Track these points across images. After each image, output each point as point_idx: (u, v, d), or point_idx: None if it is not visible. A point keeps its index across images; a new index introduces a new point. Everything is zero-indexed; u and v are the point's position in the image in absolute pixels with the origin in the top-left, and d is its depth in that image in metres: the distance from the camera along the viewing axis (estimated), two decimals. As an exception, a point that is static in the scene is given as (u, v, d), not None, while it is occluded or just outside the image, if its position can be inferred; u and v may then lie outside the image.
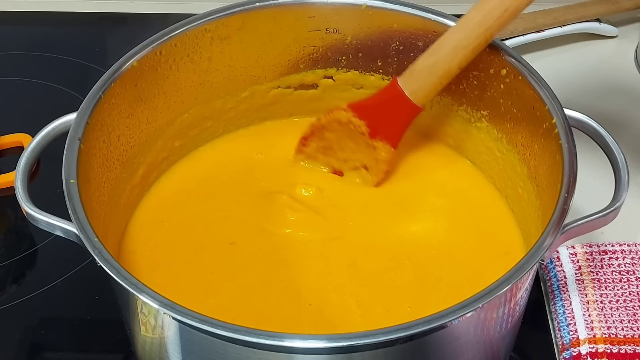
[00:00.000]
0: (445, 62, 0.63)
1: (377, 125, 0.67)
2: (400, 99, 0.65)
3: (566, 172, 0.57)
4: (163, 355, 0.56)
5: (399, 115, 0.66)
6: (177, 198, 0.70)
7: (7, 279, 0.71)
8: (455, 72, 0.64)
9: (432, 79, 0.64)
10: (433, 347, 0.53)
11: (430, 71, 0.64)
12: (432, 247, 0.66)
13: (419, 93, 0.65)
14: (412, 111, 0.66)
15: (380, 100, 0.67)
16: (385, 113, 0.67)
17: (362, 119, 0.67)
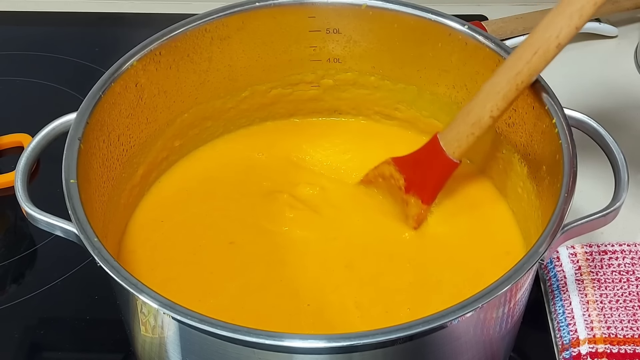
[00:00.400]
0: (477, 110, 0.61)
1: (414, 180, 0.66)
2: (436, 151, 0.64)
3: (566, 172, 0.57)
4: (163, 355, 0.56)
5: (434, 170, 0.65)
6: (177, 198, 0.70)
7: (7, 279, 0.71)
8: (487, 121, 0.61)
9: (465, 127, 0.62)
10: (433, 347, 0.53)
11: (464, 119, 0.62)
12: (432, 248, 0.66)
13: (454, 144, 0.63)
14: (447, 165, 0.64)
15: (421, 154, 0.66)
16: (422, 167, 0.66)
17: (402, 172, 0.67)
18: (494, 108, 0.61)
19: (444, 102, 0.71)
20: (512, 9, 0.92)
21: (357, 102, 0.75)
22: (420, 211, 0.66)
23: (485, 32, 0.66)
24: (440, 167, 0.65)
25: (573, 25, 0.56)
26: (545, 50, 0.58)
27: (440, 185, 0.66)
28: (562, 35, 0.57)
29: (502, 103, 0.60)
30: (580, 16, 0.56)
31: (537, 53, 0.58)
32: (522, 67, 0.59)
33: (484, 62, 0.66)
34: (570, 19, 0.56)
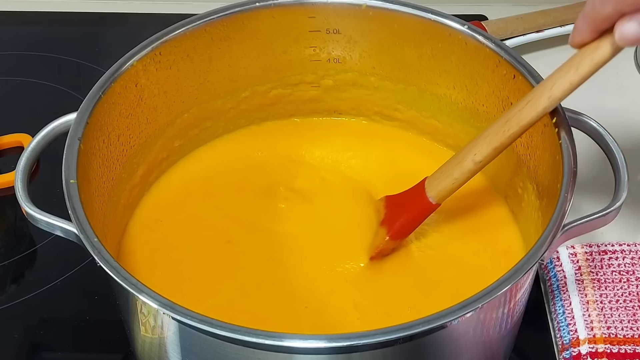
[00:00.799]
0: (463, 152, 0.61)
1: (392, 215, 0.65)
2: (419, 190, 0.63)
3: (566, 172, 0.57)
4: (162, 355, 0.56)
5: (411, 207, 0.64)
6: (176, 198, 0.70)
7: (7, 279, 0.71)
8: (469, 165, 0.60)
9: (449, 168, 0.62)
10: (433, 347, 0.53)
11: (450, 160, 0.62)
12: (431, 248, 0.66)
13: (434, 183, 0.62)
14: (423, 205, 0.63)
15: (409, 193, 0.65)
16: (403, 204, 0.65)
17: (386, 208, 0.66)
18: (477, 152, 0.60)
19: (445, 102, 0.71)
20: (512, 9, 0.92)
21: (357, 102, 0.75)
22: (382, 242, 0.64)
23: (486, 32, 0.66)
24: (417, 205, 0.63)
25: (568, 80, 0.55)
26: (536, 100, 0.57)
27: (412, 224, 0.64)
28: (555, 87, 0.56)
29: (485, 148, 0.59)
30: (576, 70, 0.55)
31: (529, 102, 0.57)
32: (513, 115, 0.58)
33: (484, 63, 0.66)
34: (567, 73, 0.55)
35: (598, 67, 0.55)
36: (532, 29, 0.89)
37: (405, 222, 0.64)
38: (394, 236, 0.64)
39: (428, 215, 0.64)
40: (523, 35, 0.88)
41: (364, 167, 0.71)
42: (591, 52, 0.54)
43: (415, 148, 0.74)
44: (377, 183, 0.70)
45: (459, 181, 0.61)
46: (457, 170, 0.61)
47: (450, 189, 0.62)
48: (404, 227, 0.64)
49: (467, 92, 0.69)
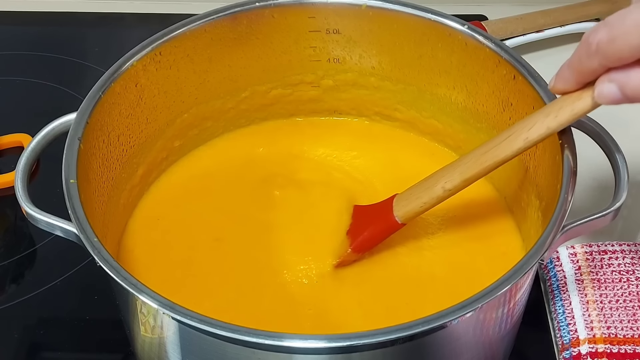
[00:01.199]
0: (435, 178, 0.61)
1: (357, 227, 0.65)
2: (387, 207, 0.63)
3: (566, 172, 0.57)
4: (162, 355, 0.56)
5: (376, 223, 0.64)
6: (176, 197, 0.70)
7: (7, 279, 0.71)
8: (438, 192, 0.60)
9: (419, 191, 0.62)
10: (433, 347, 0.53)
11: (422, 183, 0.62)
12: (429, 247, 0.66)
13: (402, 203, 0.63)
14: (388, 222, 0.63)
15: (377, 206, 0.65)
16: (370, 218, 0.65)
17: (353, 218, 0.66)
18: (448, 180, 0.60)
19: (444, 102, 0.71)
20: (512, 9, 0.92)
21: (357, 102, 0.75)
22: (345, 253, 0.64)
23: (485, 32, 0.66)
24: (382, 222, 0.63)
25: (546, 125, 0.56)
26: (513, 139, 0.57)
27: (375, 239, 0.64)
28: (533, 130, 0.56)
29: (457, 177, 0.60)
30: (555, 117, 0.55)
31: (506, 139, 0.57)
32: (489, 149, 0.58)
33: (484, 63, 0.66)
34: (546, 117, 0.56)
35: (577, 118, 0.55)
36: (532, 29, 0.89)
37: (369, 237, 0.64)
38: (356, 249, 0.64)
39: (392, 233, 0.64)
40: (523, 36, 0.88)
41: (365, 167, 0.72)
42: (572, 101, 0.55)
43: (416, 149, 0.74)
44: (378, 183, 0.71)
45: (427, 205, 0.61)
46: (426, 195, 0.61)
47: (418, 211, 0.62)
48: (366, 241, 0.64)
49: (467, 93, 0.69)
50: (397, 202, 0.63)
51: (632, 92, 0.51)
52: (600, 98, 0.53)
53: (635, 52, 0.49)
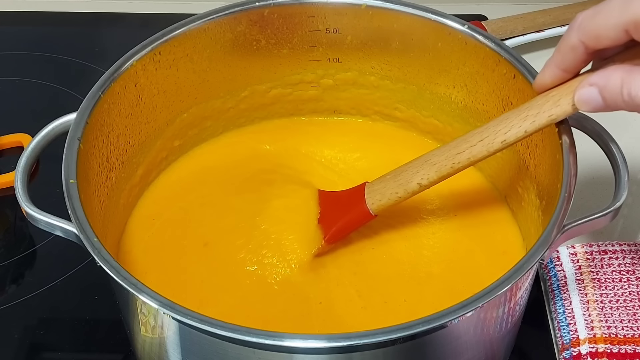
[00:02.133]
0: (409, 173, 0.61)
1: (327, 216, 0.65)
2: (358, 197, 0.64)
3: (566, 171, 0.57)
4: (163, 355, 0.56)
5: (349, 214, 0.64)
6: (176, 197, 0.70)
7: (7, 279, 0.71)
8: (414, 187, 0.61)
9: (393, 185, 0.62)
10: (433, 346, 0.53)
11: (395, 177, 0.62)
12: (426, 246, 0.66)
13: (376, 196, 0.63)
14: (361, 213, 0.63)
15: (345, 195, 0.65)
16: (339, 207, 0.65)
17: (320, 205, 0.66)
18: (424, 177, 0.61)
19: (444, 101, 0.71)
20: (512, 8, 0.92)
21: (357, 101, 0.75)
22: (319, 244, 0.64)
23: (485, 32, 0.66)
24: (355, 213, 0.64)
25: (523, 129, 0.56)
26: (490, 141, 0.58)
27: (348, 230, 0.64)
28: (510, 133, 0.57)
29: (433, 175, 0.60)
30: (532, 122, 0.56)
31: (482, 141, 0.58)
32: (465, 149, 0.59)
33: (483, 62, 0.66)
34: (523, 120, 0.56)
35: (554, 122, 0.56)
36: (531, 29, 0.89)
37: (342, 228, 0.64)
38: (330, 240, 0.64)
39: (364, 224, 0.64)
40: (523, 35, 0.88)
41: (366, 167, 0.72)
42: (550, 107, 0.56)
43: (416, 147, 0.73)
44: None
45: (401, 199, 0.62)
46: (402, 189, 0.62)
47: (392, 204, 0.63)
48: (340, 232, 0.64)
49: (467, 92, 0.69)
50: (371, 195, 0.63)
51: (610, 96, 0.52)
52: (580, 102, 0.54)
53: (611, 30, 0.50)
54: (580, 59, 0.54)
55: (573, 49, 0.53)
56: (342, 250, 0.65)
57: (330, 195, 0.67)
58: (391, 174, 0.63)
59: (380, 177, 0.64)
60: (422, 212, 0.68)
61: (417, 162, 0.62)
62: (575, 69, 0.55)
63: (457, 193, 0.70)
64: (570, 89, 0.55)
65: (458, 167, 0.60)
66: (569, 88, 0.55)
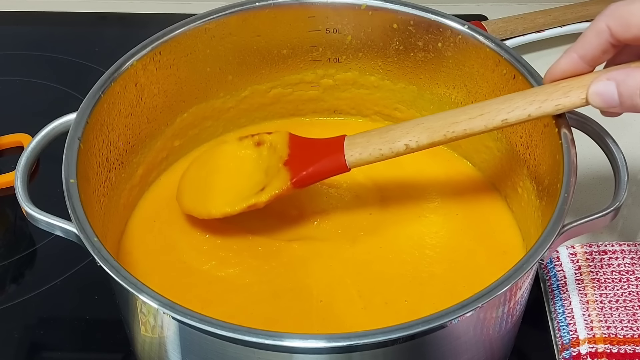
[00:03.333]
0: (397, 132, 0.60)
1: (298, 160, 0.63)
2: (336, 147, 0.62)
3: (566, 171, 0.57)
4: (162, 355, 0.56)
5: (324, 162, 0.62)
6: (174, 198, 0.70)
7: (7, 279, 0.71)
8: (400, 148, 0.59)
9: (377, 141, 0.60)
10: (433, 346, 0.53)
11: (381, 134, 0.60)
12: (428, 245, 0.66)
13: (357, 149, 0.61)
14: (337, 164, 0.62)
15: (320, 143, 0.64)
16: (314, 153, 0.63)
17: (291, 148, 0.64)
18: (413, 139, 0.59)
19: (444, 102, 0.71)
20: (512, 9, 0.92)
21: (357, 101, 0.75)
22: (282, 187, 0.62)
23: (485, 32, 0.66)
24: (329, 161, 0.62)
25: (527, 112, 0.56)
26: (490, 117, 0.57)
27: (318, 178, 0.62)
28: (513, 114, 0.56)
29: (424, 139, 0.59)
30: (538, 108, 0.56)
31: (482, 115, 0.57)
32: (463, 120, 0.58)
33: (484, 62, 0.66)
34: (529, 104, 0.56)
35: (559, 112, 0.56)
36: (532, 29, 0.89)
37: (313, 174, 0.62)
38: (297, 184, 0.62)
39: (335, 175, 0.63)
40: (523, 36, 0.88)
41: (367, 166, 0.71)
42: (559, 96, 0.55)
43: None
44: (381, 182, 0.70)
45: (383, 157, 0.60)
46: (386, 147, 0.60)
47: (372, 161, 0.61)
48: (310, 178, 0.62)
49: (467, 92, 0.69)
50: (351, 147, 0.61)
51: (627, 92, 0.51)
52: (594, 94, 0.53)
53: None
54: (602, 47, 0.53)
55: (598, 33, 0.52)
56: (351, 250, 0.65)
57: (304, 142, 0.65)
58: (376, 131, 0.61)
59: (363, 132, 0.62)
60: (424, 210, 0.69)
61: (408, 124, 0.60)
62: (593, 59, 0.54)
63: (458, 193, 0.70)
64: (582, 82, 0.55)
65: (451, 136, 0.58)
66: (581, 82, 0.55)
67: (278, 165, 0.64)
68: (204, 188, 0.66)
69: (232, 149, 0.67)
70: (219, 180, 0.66)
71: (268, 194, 0.63)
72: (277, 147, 0.65)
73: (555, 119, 0.59)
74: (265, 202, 0.63)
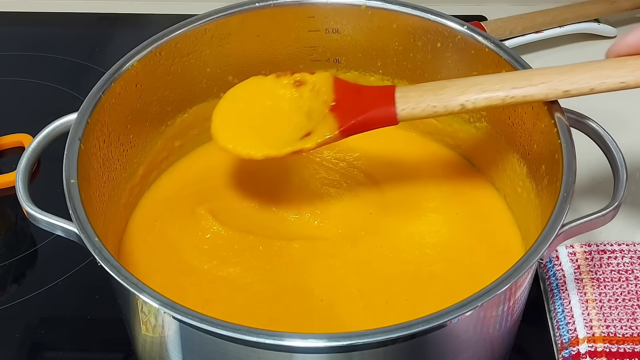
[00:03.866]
0: (453, 90, 0.59)
1: (345, 107, 0.61)
2: (386, 98, 0.60)
3: (565, 171, 0.57)
4: (163, 355, 0.56)
5: (373, 113, 0.60)
6: (176, 198, 0.70)
7: (8, 279, 0.72)
8: (455, 107, 0.58)
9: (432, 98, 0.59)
10: (433, 345, 0.53)
11: (435, 90, 0.59)
12: (428, 244, 0.66)
13: (409, 104, 0.59)
14: (387, 117, 0.60)
15: (369, 91, 0.62)
16: (362, 103, 0.61)
17: (336, 93, 0.62)
18: (470, 99, 0.58)
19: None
20: (511, 9, 0.92)
21: (357, 102, 0.75)
22: (328, 135, 0.60)
23: (485, 32, 0.66)
24: (380, 113, 0.60)
25: (590, 85, 0.56)
26: (552, 87, 0.57)
27: (367, 128, 0.60)
28: (575, 86, 0.56)
29: (482, 102, 0.58)
30: (602, 83, 0.55)
31: (544, 84, 0.57)
32: (524, 85, 0.57)
33: (483, 62, 0.66)
34: (593, 79, 0.56)
35: (622, 89, 0.55)
36: (531, 29, 0.89)
37: (362, 124, 0.60)
38: (345, 133, 0.60)
39: (383, 127, 0.61)
40: (522, 36, 0.88)
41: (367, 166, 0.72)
42: (624, 73, 0.55)
43: (417, 148, 0.74)
44: (382, 182, 0.71)
45: (437, 114, 0.59)
46: (441, 105, 0.59)
47: (424, 116, 0.60)
48: (358, 127, 0.60)
49: (467, 92, 0.69)
50: (403, 100, 0.59)
51: None
52: None
53: None
54: None
55: None
56: (352, 249, 0.66)
57: (349, 87, 0.62)
58: (429, 86, 0.59)
59: (415, 86, 0.60)
60: (424, 209, 0.69)
61: (463, 82, 0.59)
62: None
63: (458, 192, 0.70)
64: None
65: (510, 101, 0.57)
66: None
67: (323, 110, 0.62)
68: (240, 124, 0.63)
69: (270, 85, 0.65)
70: (256, 117, 0.63)
71: (315, 140, 0.61)
72: (321, 90, 0.63)
73: (555, 118, 0.59)
74: (311, 149, 0.61)
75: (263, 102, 0.65)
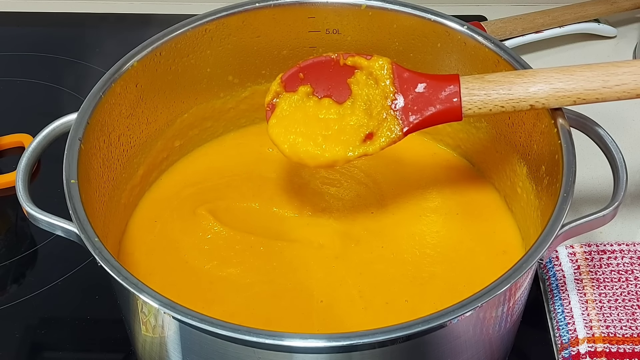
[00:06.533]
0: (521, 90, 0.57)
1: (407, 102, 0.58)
2: (450, 93, 0.58)
3: (565, 172, 0.57)
4: (163, 355, 0.56)
5: (437, 109, 0.58)
6: (177, 198, 0.70)
7: (8, 279, 0.72)
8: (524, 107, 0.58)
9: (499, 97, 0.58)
10: (432, 346, 0.53)
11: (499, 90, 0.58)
12: (429, 245, 0.66)
13: (476, 102, 0.58)
14: (452, 113, 0.58)
15: (432, 82, 0.59)
16: (424, 96, 0.59)
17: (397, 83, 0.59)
18: (540, 100, 0.57)
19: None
20: (511, 9, 0.92)
21: (357, 102, 0.75)
22: (392, 136, 0.59)
23: (485, 33, 0.66)
24: (444, 111, 0.58)
25: None
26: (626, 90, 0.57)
27: (430, 125, 0.59)
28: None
29: (553, 102, 0.57)
30: None
31: (619, 86, 0.57)
32: (596, 88, 0.57)
33: (483, 63, 0.66)
34: None
35: None
36: (531, 29, 0.89)
37: (426, 122, 0.58)
38: (409, 133, 0.59)
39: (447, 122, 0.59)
40: (522, 36, 0.88)
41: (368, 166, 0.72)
42: None
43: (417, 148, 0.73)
44: (383, 182, 0.71)
45: (504, 111, 0.58)
46: (509, 106, 0.57)
47: (489, 115, 0.58)
48: (422, 125, 0.58)
49: (467, 92, 0.69)
50: (470, 97, 0.58)
51: None
52: None
53: None
54: None
55: None
56: (352, 250, 0.66)
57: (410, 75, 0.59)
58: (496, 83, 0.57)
59: (478, 80, 0.58)
60: (425, 210, 0.69)
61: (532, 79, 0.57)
62: None
63: (458, 192, 0.70)
64: None
65: (581, 102, 0.57)
66: None
67: (383, 104, 0.59)
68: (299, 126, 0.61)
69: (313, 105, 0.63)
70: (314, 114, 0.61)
71: (378, 144, 0.59)
72: (379, 78, 0.60)
73: (555, 118, 0.59)
74: (375, 152, 0.59)
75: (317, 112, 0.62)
